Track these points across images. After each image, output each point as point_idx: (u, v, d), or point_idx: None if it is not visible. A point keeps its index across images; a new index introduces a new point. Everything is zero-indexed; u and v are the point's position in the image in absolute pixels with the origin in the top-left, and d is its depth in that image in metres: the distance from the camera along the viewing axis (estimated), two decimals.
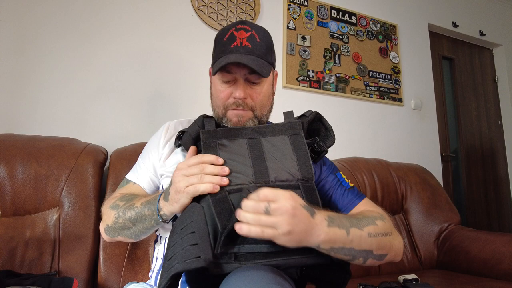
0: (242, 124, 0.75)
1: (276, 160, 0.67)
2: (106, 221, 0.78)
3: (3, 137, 1.15)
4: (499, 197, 2.63)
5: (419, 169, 1.82)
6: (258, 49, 0.75)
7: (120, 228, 0.75)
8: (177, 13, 1.66)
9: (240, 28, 0.75)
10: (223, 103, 0.77)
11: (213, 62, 0.79)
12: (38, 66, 1.37)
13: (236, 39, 0.74)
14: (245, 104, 0.76)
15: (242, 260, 0.55)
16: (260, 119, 0.78)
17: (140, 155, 0.91)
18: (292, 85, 1.85)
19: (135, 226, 0.73)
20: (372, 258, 0.64)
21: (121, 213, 0.74)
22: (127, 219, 0.73)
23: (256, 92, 0.77)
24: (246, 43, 0.74)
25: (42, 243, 1.05)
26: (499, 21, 2.82)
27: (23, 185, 1.07)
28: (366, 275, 1.43)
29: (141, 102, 1.52)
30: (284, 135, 0.71)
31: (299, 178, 0.66)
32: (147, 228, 0.73)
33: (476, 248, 1.41)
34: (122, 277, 1.09)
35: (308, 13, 1.99)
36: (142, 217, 0.71)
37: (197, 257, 0.51)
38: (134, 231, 0.75)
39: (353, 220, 0.63)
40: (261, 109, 0.78)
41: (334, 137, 0.77)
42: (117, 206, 0.77)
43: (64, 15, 1.44)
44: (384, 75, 2.15)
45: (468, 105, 2.63)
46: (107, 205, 0.81)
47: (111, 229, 0.77)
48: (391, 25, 2.26)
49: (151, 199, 0.72)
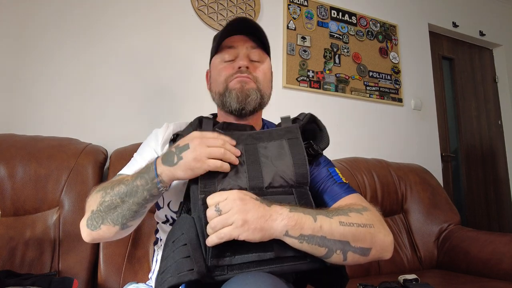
0: (246, 90, 0.75)
1: (271, 165, 0.66)
2: (90, 208, 0.67)
3: (3, 137, 1.15)
4: (499, 197, 2.63)
5: (419, 169, 1.82)
6: (257, 29, 0.78)
7: (106, 210, 0.64)
8: (177, 13, 1.66)
9: (239, 18, 0.77)
10: (225, 77, 0.77)
11: (214, 47, 0.81)
12: (38, 66, 1.37)
13: (234, 22, 0.76)
14: (248, 72, 0.76)
15: (236, 270, 0.55)
16: (262, 94, 0.78)
17: (136, 153, 0.85)
18: (292, 85, 1.85)
19: (124, 204, 0.63)
20: (353, 251, 0.60)
21: (108, 189, 0.65)
22: (115, 194, 0.64)
23: (258, 67, 0.78)
24: (244, 22, 0.77)
25: (42, 243, 1.05)
26: (499, 21, 2.82)
27: (23, 185, 1.07)
28: (366, 275, 1.43)
29: (141, 102, 1.52)
30: (282, 139, 0.70)
31: (293, 184, 0.65)
32: (138, 204, 0.64)
33: (476, 248, 1.41)
34: (122, 277, 1.09)
35: (308, 13, 1.99)
36: (133, 190, 0.63)
37: (190, 269, 0.52)
38: (121, 211, 0.64)
39: (321, 210, 0.61)
40: (263, 86, 0.79)
41: (328, 138, 0.77)
42: (104, 188, 0.67)
43: (64, 15, 1.44)
44: (384, 75, 2.16)
45: (468, 105, 2.63)
46: (93, 192, 0.70)
47: (95, 216, 0.65)
48: (391, 25, 2.26)
49: (143, 169, 0.65)
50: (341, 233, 0.59)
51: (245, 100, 0.74)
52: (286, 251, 0.57)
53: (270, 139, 0.70)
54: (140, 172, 0.65)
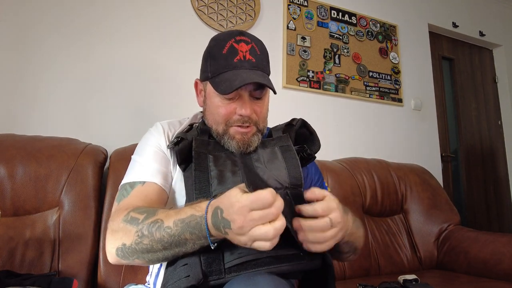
0: (248, 140, 0.72)
1: (265, 169, 0.69)
2: (121, 240, 0.62)
3: (3, 137, 1.15)
4: (499, 197, 2.63)
5: (419, 170, 1.82)
6: (261, 63, 0.72)
7: (143, 251, 0.60)
8: (177, 13, 1.66)
9: (240, 40, 0.71)
10: (225, 120, 0.73)
11: (212, 76, 0.73)
12: (38, 66, 1.37)
13: (238, 52, 0.70)
14: (250, 120, 0.72)
15: (233, 272, 0.55)
16: (262, 131, 0.77)
17: (137, 155, 0.78)
18: (292, 85, 1.85)
19: (168, 250, 0.58)
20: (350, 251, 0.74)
21: (145, 231, 0.59)
22: (157, 241, 0.58)
23: (260, 107, 0.74)
24: (249, 57, 0.70)
25: (42, 243, 1.05)
26: (499, 21, 2.82)
27: (23, 185, 1.07)
28: (366, 275, 1.43)
29: (141, 102, 1.52)
30: (274, 147, 0.75)
31: (287, 186, 0.68)
32: (185, 252, 0.58)
33: (476, 248, 1.41)
34: (122, 277, 1.09)
35: (308, 13, 1.99)
36: (180, 242, 0.57)
37: (186, 276, 0.54)
38: (163, 256, 0.60)
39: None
40: (263, 122, 0.77)
41: (319, 141, 0.79)
42: (135, 221, 0.61)
43: (65, 15, 1.44)
44: (384, 76, 2.16)
45: (468, 105, 2.63)
46: (118, 219, 0.64)
47: (129, 250, 0.61)
48: (391, 25, 2.26)
49: (186, 218, 0.57)
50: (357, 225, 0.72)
51: (247, 148, 0.73)
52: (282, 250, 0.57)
53: (263, 148, 0.75)
54: (183, 222, 0.57)
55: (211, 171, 0.68)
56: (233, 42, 0.71)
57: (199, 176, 0.67)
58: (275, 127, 0.82)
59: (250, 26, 1.78)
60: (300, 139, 0.80)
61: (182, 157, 0.71)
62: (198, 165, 0.68)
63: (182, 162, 0.72)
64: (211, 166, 0.69)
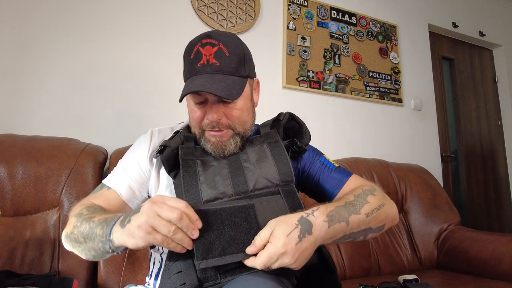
0: (222, 143, 0.70)
1: (254, 169, 0.69)
2: (66, 229, 0.68)
3: (3, 137, 1.15)
4: (499, 197, 2.62)
5: (419, 170, 1.82)
6: (228, 65, 0.68)
7: (73, 240, 0.65)
8: (177, 14, 1.66)
9: (206, 43, 0.68)
10: (198, 124, 0.72)
11: (185, 81, 0.74)
12: (38, 66, 1.37)
13: (202, 57, 0.68)
14: (220, 124, 0.70)
15: (229, 276, 0.56)
16: (243, 134, 0.73)
17: (121, 160, 0.80)
18: (292, 85, 1.85)
19: (85, 244, 0.62)
20: (372, 232, 0.68)
21: (78, 223, 0.64)
22: (80, 232, 0.62)
23: (231, 110, 0.70)
24: (213, 61, 0.67)
25: (42, 244, 1.05)
26: (499, 21, 2.82)
27: (23, 185, 1.07)
28: (366, 275, 1.43)
29: (141, 102, 1.52)
30: (262, 145, 0.74)
31: (278, 183, 0.68)
32: (94, 249, 0.61)
33: (476, 248, 1.41)
34: (122, 277, 1.09)
35: (308, 13, 1.99)
36: (92, 235, 0.60)
37: (182, 284, 0.54)
38: (84, 249, 0.63)
39: (350, 207, 0.64)
40: (241, 125, 0.72)
41: (309, 132, 0.79)
42: (80, 215, 0.66)
43: (65, 15, 1.44)
44: (384, 76, 2.16)
45: (468, 106, 2.63)
46: (74, 210, 0.70)
47: (67, 239, 0.67)
48: (391, 25, 2.26)
49: (109, 217, 0.60)
50: (367, 223, 0.65)
51: (223, 152, 0.71)
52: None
53: (251, 146, 0.74)
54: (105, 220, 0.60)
55: (200, 176, 0.68)
56: (199, 46, 0.69)
57: (188, 182, 0.67)
58: (263, 123, 0.81)
59: (250, 26, 1.78)
60: (290, 132, 0.80)
61: (170, 164, 0.71)
62: (186, 171, 0.68)
63: (171, 170, 0.72)
64: (200, 171, 0.68)
